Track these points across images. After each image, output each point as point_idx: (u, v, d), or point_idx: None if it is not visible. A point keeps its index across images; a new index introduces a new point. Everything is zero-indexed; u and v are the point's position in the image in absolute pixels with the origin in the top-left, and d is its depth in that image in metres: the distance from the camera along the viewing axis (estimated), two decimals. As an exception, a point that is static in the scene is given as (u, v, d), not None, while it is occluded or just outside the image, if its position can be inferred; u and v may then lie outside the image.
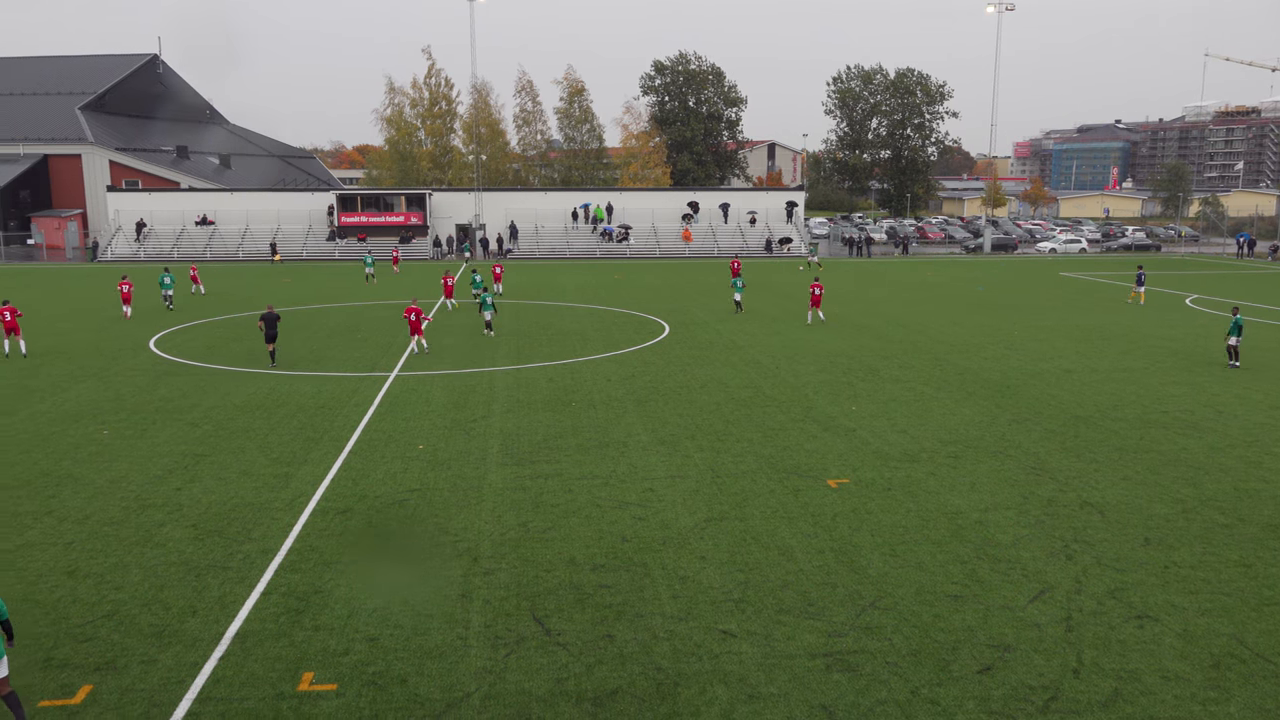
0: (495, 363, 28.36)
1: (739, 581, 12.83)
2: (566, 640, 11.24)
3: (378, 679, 10.37)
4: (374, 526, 14.82)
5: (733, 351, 30.12)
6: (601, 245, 74.03)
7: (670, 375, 26.39)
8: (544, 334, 33.82)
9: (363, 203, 74.55)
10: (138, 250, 70.48)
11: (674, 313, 39.20)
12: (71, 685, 10.19)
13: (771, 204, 78.96)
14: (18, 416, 21.65)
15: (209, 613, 11.87)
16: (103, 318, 37.93)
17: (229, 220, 73.46)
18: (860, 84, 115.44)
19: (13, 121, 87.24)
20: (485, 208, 75.72)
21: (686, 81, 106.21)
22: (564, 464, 18.07)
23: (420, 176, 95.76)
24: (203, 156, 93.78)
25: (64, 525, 14.88)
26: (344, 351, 30.11)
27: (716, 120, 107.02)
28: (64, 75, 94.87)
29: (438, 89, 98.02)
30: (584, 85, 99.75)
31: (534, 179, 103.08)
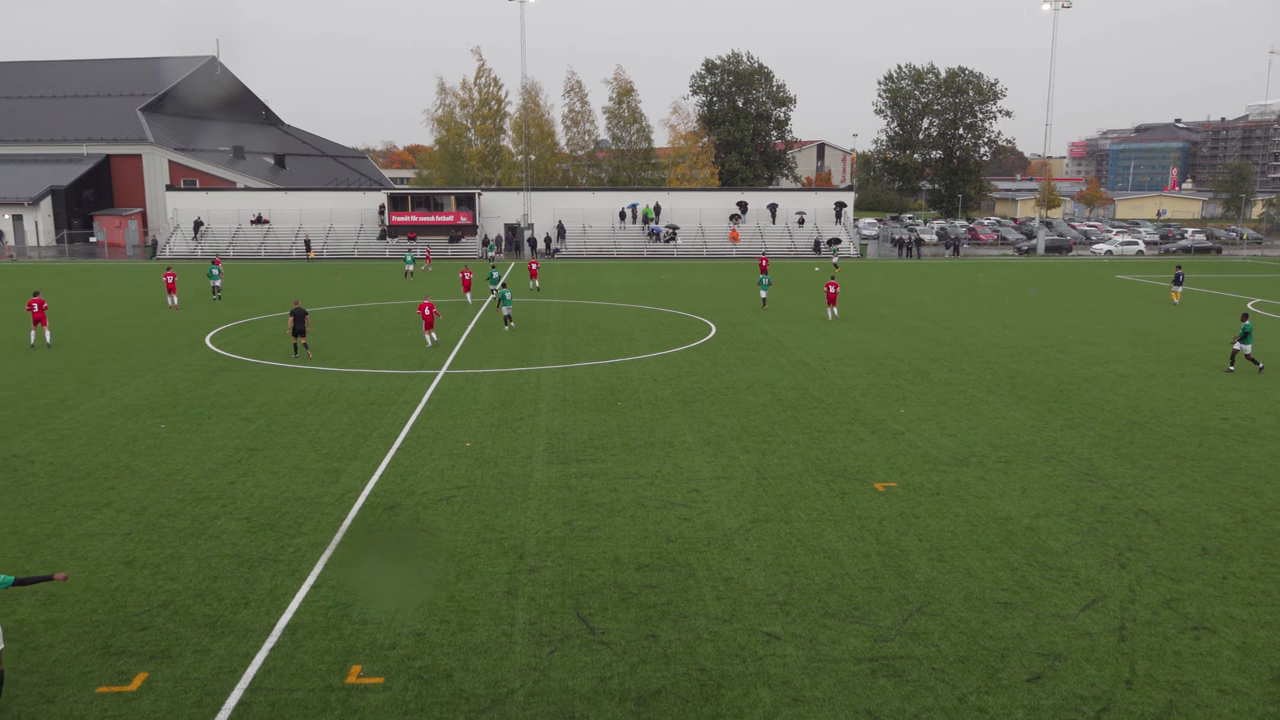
0: (542, 361, 28.52)
1: (784, 584, 12.76)
2: (610, 639, 11.26)
3: (424, 673, 10.48)
4: (421, 522, 14.98)
5: (779, 353, 29.96)
6: (649, 245, 74.07)
7: (716, 376, 26.32)
8: (591, 333, 33.93)
9: (413, 202, 75.42)
10: (195, 248, 71.99)
11: (721, 313, 39.10)
12: (128, 672, 10.44)
13: (820, 204, 78.43)
14: (79, 410, 22.23)
15: (260, 604, 12.09)
16: (161, 315, 38.82)
17: (283, 219, 74.77)
18: (911, 83, 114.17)
19: (77, 122, 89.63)
20: (533, 207, 76.17)
21: (736, 81, 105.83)
22: (609, 463, 18.11)
23: (470, 176, 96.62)
24: (258, 157, 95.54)
25: (122, 516, 15.25)
26: (393, 349, 30.47)
27: (765, 120, 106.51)
28: (126, 77, 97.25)
29: (488, 90, 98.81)
30: (632, 85, 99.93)
31: (582, 179, 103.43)
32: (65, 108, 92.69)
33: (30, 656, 10.74)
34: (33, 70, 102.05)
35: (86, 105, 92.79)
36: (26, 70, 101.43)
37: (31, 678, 10.29)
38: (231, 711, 9.71)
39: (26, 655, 10.77)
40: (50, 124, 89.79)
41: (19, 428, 20.58)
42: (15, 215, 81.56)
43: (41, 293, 33.10)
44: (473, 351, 30.16)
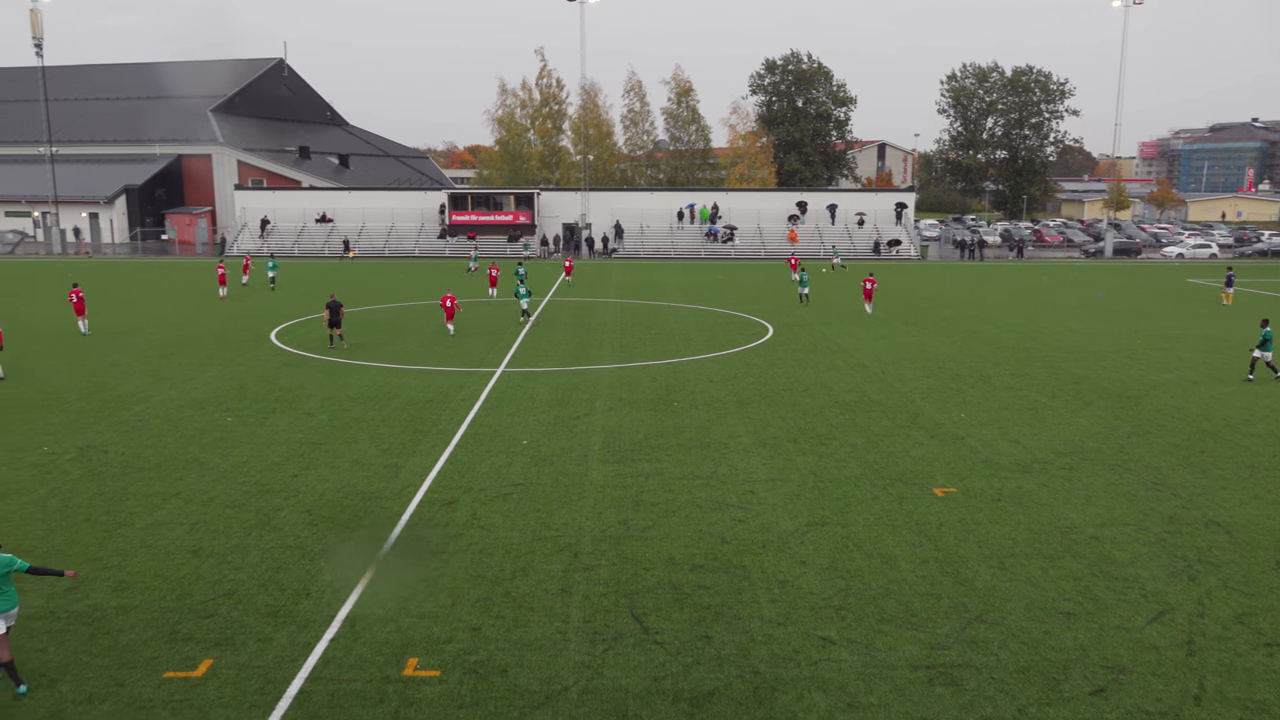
0: (599, 361, 28.63)
1: (839, 588, 12.64)
2: (664, 639, 11.27)
3: (479, 668, 10.59)
4: (478, 518, 15.14)
5: (837, 355, 29.69)
6: (706, 245, 73.92)
7: (773, 377, 26.18)
8: (647, 333, 33.97)
9: (473, 202, 76.23)
10: (262, 246, 73.56)
11: (778, 314, 38.87)
12: (194, 659, 10.72)
13: (880, 205, 77.55)
14: (150, 403, 22.87)
15: (321, 595, 12.32)
16: (228, 311, 39.79)
17: (346, 218, 76.10)
18: (975, 82, 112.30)
19: (151, 123, 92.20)
20: (591, 207, 76.51)
21: (795, 81, 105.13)
22: (665, 463, 18.12)
23: (529, 176, 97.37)
24: (323, 157, 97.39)
25: (190, 506, 15.66)
26: (452, 347, 30.83)
27: (825, 120, 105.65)
28: (198, 79, 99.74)
29: (548, 90, 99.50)
30: (691, 85, 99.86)
31: (640, 179, 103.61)
32: (140, 109, 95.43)
33: (102, 640, 11.09)
34: (109, 73, 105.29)
35: (160, 107, 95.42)
36: (103, 73, 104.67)
37: (103, 661, 10.62)
38: (292, 700, 9.91)
39: (98, 639, 11.12)
40: (125, 125, 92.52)
41: (94, 419, 21.25)
42: (92, 213, 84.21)
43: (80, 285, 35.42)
44: (530, 350, 30.39)
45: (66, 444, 19.23)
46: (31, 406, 22.33)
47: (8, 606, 10.10)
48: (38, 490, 16.37)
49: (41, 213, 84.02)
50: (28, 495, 16.12)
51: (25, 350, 29.74)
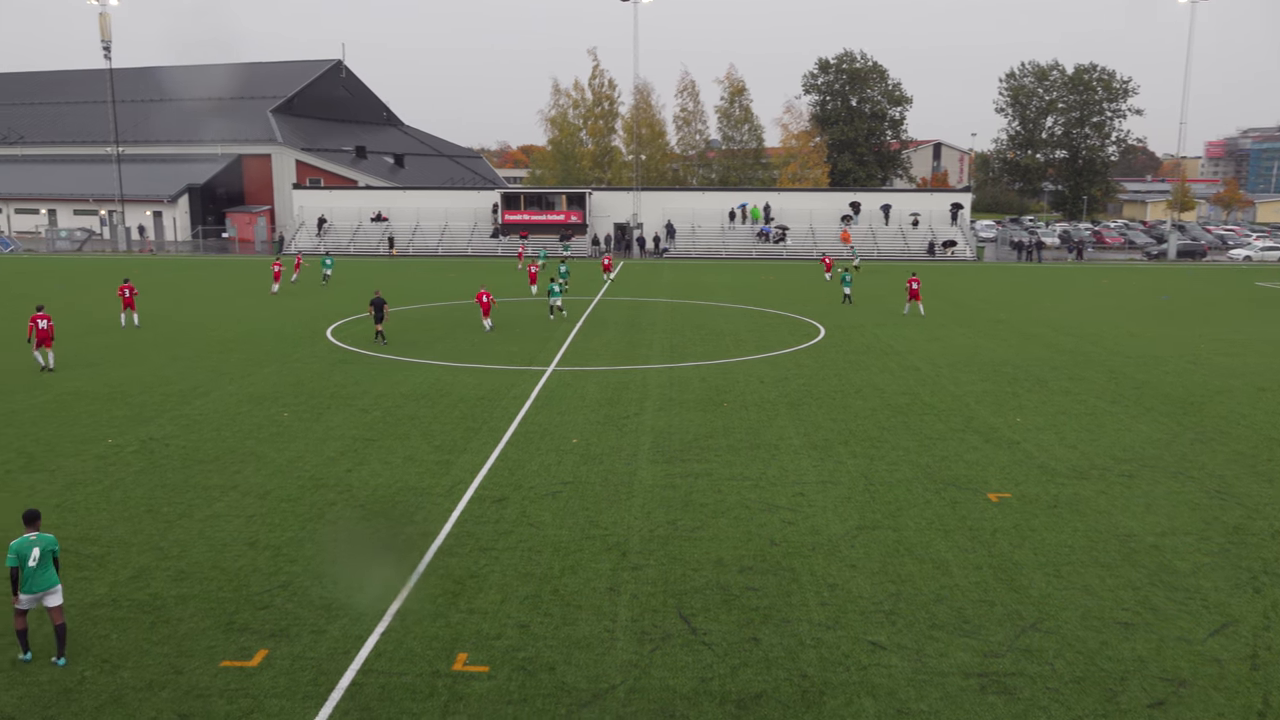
0: (649, 361, 28.66)
1: (890, 593, 12.51)
2: (712, 640, 11.24)
3: (527, 664, 10.66)
4: (527, 516, 15.24)
5: (890, 357, 29.38)
6: (758, 246, 73.61)
7: (824, 379, 25.99)
8: (698, 334, 33.93)
9: (525, 201, 76.78)
10: (318, 244, 74.82)
11: (829, 315, 38.56)
12: (249, 649, 10.94)
13: (936, 205, 76.58)
14: (210, 397, 23.40)
15: (373, 589, 12.49)
16: (285, 308, 40.54)
17: (401, 217, 77.11)
18: (1035, 80, 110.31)
19: (213, 124, 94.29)
20: (643, 207, 76.61)
21: (850, 80, 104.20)
22: (714, 464, 18.08)
23: (581, 176, 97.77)
24: (379, 156, 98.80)
25: (247, 499, 15.99)
26: (504, 345, 31.08)
27: (879, 119, 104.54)
28: (258, 80, 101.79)
29: (600, 90, 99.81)
30: (745, 84, 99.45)
31: (692, 179, 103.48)
32: (201, 110, 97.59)
33: (162, 629, 11.37)
34: (173, 75, 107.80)
35: (220, 107, 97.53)
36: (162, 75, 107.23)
37: (162, 649, 10.89)
38: (344, 692, 10.07)
39: (159, 628, 11.40)
40: (189, 125, 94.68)
41: (157, 412, 21.79)
42: (156, 212, 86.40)
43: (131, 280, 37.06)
44: (580, 349, 30.52)
45: (129, 436, 19.75)
46: (97, 399, 22.97)
47: (45, 586, 10.58)
48: (102, 481, 16.84)
49: (108, 211, 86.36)
50: (93, 485, 16.59)
51: (91, 344, 30.61)
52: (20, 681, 10.15)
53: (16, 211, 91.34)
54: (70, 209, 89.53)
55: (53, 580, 10.65)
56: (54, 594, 10.65)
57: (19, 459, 18.13)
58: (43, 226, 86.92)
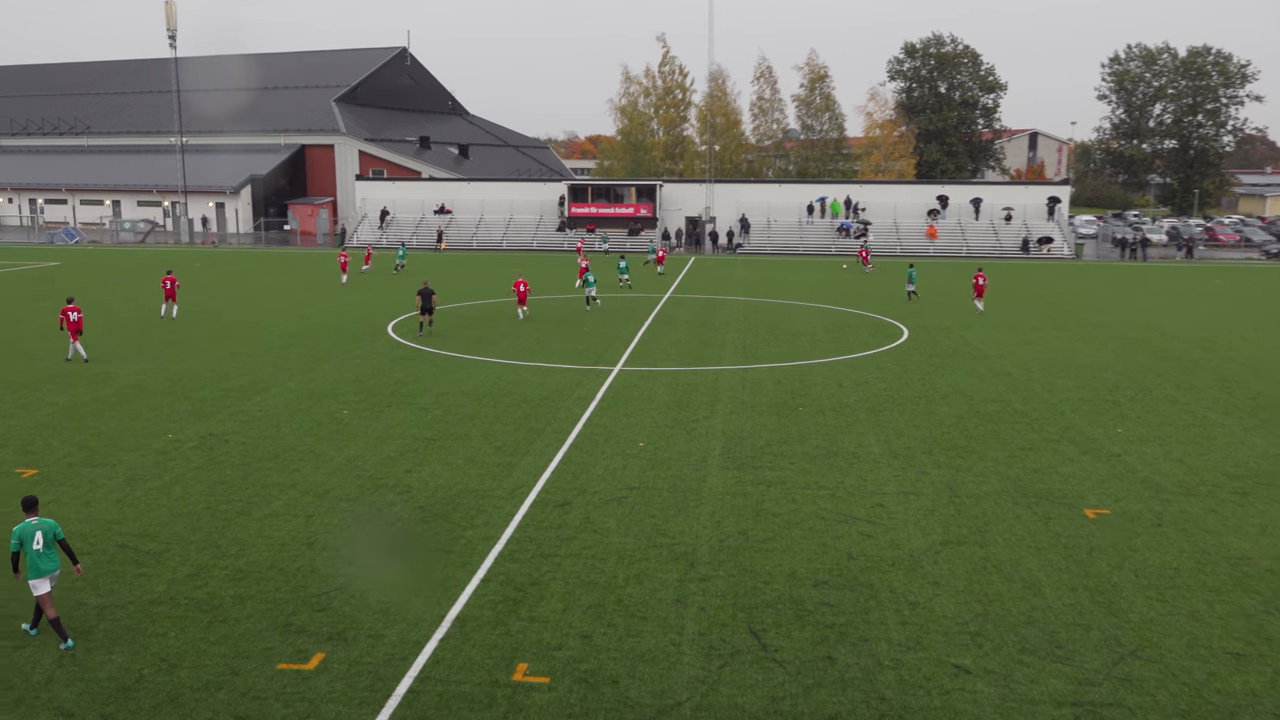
0: (720, 361, 28.60)
1: (976, 613, 12.28)
2: (784, 658, 11.17)
3: (589, 677, 10.72)
4: (591, 522, 15.32)
5: (979, 360, 28.86)
6: (838, 241, 72.91)
7: (907, 383, 25.64)
8: (772, 334, 33.75)
9: (593, 193, 77.21)
10: (380, 237, 76.26)
11: (913, 315, 38.03)
12: (306, 651, 11.20)
13: (1030, 199, 74.95)
14: (270, 393, 24.01)
15: (431, 594, 12.69)
16: (346, 303, 41.40)
17: (465, 209, 78.18)
18: (1142, 65, 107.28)
19: (276, 114, 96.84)
20: (716, 200, 76.44)
21: (938, 65, 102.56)
22: (788, 471, 17.96)
23: (651, 167, 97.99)
24: (443, 147, 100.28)
25: (305, 498, 16.37)
26: (569, 343, 31.31)
27: (971, 107, 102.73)
28: (321, 69, 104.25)
29: (672, 77, 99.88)
30: (826, 71, 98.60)
31: (768, 170, 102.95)
32: (265, 99, 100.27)
33: (219, 629, 11.70)
34: (233, 63, 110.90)
35: (285, 97, 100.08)
36: (227, 64, 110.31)
37: (219, 649, 11.21)
38: (401, 699, 10.24)
39: (216, 627, 11.74)
40: (252, 115, 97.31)
41: (216, 407, 22.45)
42: (218, 203, 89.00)
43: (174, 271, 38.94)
44: (648, 349, 30.59)
45: (189, 431, 20.38)
46: (158, 393, 23.74)
47: (53, 568, 11.36)
48: (162, 477, 17.40)
49: (171, 202, 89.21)
50: (153, 481, 17.15)
51: (153, 338, 31.66)
52: (80, 678, 10.55)
53: (81, 202, 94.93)
54: (134, 200, 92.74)
55: (56, 563, 11.42)
56: (53, 577, 11.42)
57: (81, 452, 18.83)
58: (106, 218, 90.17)
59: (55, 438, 19.85)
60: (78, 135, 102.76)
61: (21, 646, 11.21)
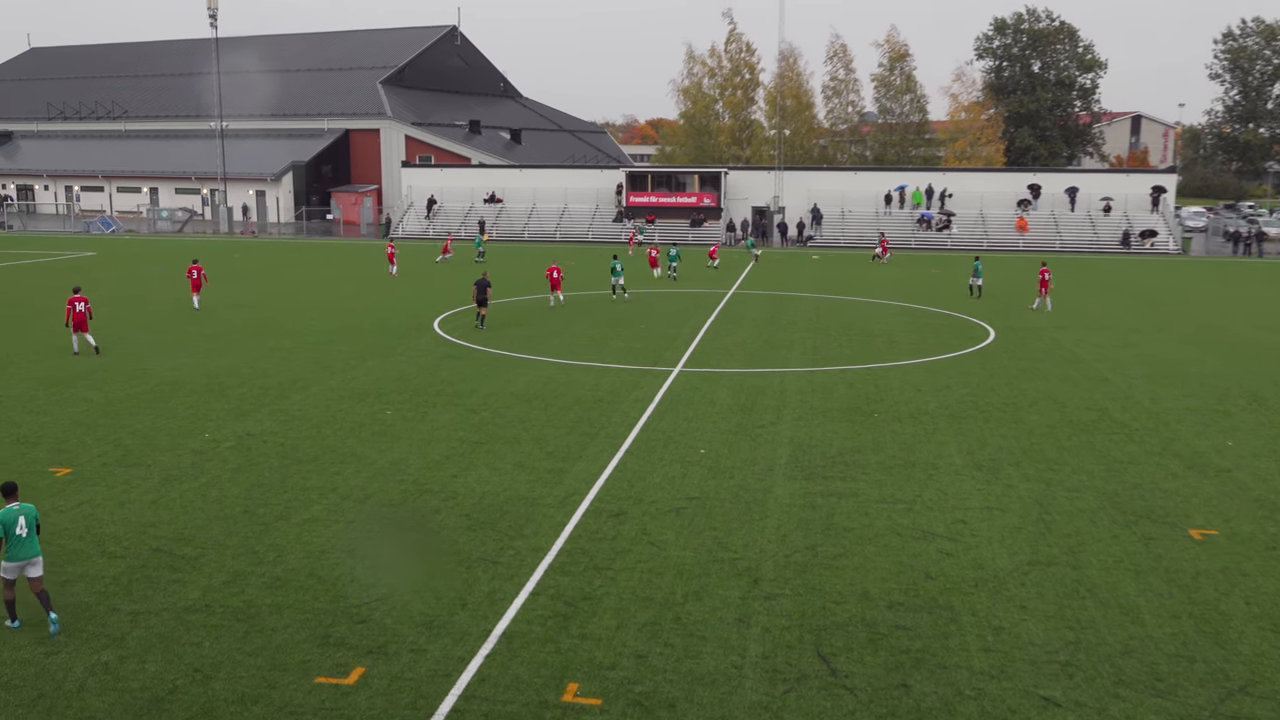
0: (788, 363, 28.47)
1: (1067, 641, 12.07)
2: (855, 684, 11.09)
3: (644, 700, 10.74)
4: (648, 534, 15.35)
5: (1073, 365, 28.36)
6: (918, 234, 72.16)
7: (993, 388, 25.29)
8: (845, 333, 33.52)
9: (653, 181, 77.29)
10: (427, 228, 77.21)
11: (1001, 315, 37.49)
12: (346, 665, 11.38)
13: (1132, 189, 73.40)
14: (310, 391, 24.45)
15: (478, 607, 12.82)
16: (390, 298, 41.99)
17: (516, 198, 78.79)
18: (1261, 41, 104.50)
19: (318, 97, 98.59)
20: (786, 189, 76.09)
21: (1031, 43, 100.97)
22: (861, 483, 17.83)
23: (716, 153, 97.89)
24: (494, 131, 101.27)
25: (346, 503, 16.63)
26: (626, 342, 31.40)
27: (1067, 88, 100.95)
28: (366, 49, 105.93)
29: (739, 56, 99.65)
30: (908, 49, 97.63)
31: (842, 157, 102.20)
32: (308, 82, 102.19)
33: (255, 639, 11.94)
34: (275, 44, 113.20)
35: (328, 79, 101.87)
36: (269, 44, 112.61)
37: (255, 660, 11.44)
38: (444, 718, 10.36)
39: (252, 638, 11.98)
40: (293, 99, 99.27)
41: (254, 406, 22.92)
42: (259, 191, 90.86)
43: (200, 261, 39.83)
44: (711, 348, 30.56)
45: (227, 431, 20.83)
46: (195, 391, 24.31)
47: (33, 554, 12.14)
48: (198, 478, 17.81)
49: (210, 190, 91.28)
50: (189, 482, 17.56)
51: (190, 332, 32.43)
52: (112, 687, 10.84)
53: (119, 190, 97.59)
54: (172, 188, 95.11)
55: (36, 550, 12.18)
56: (35, 564, 12.17)
57: (115, 451, 19.36)
58: (144, 206, 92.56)
59: (90, 436, 20.42)
60: (115, 120, 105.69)
61: (54, 653, 11.55)
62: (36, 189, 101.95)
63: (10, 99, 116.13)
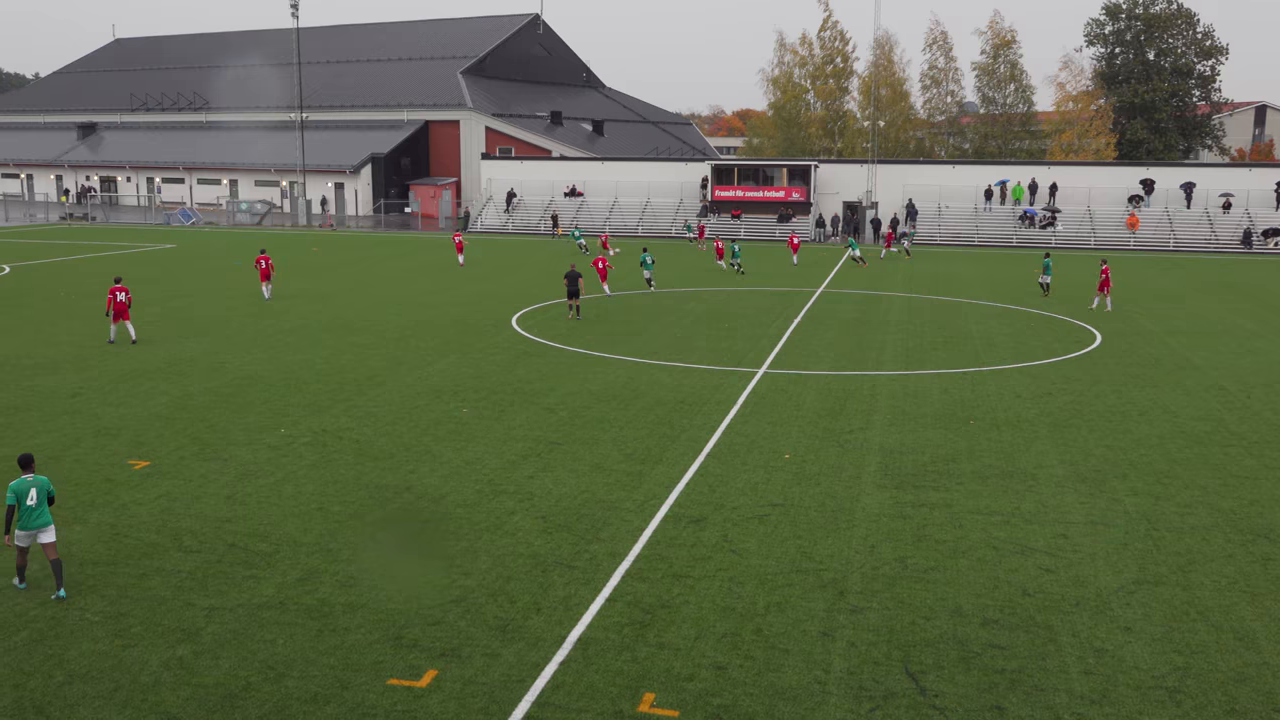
0: (880, 366, 28.19)
1: (1175, 666, 11.76)
2: (945, 704, 10.95)
3: (723, 712, 10.74)
4: (729, 541, 15.34)
5: (1187, 372, 27.58)
6: (1020, 231, 70.79)
7: (1099, 396, 24.73)
8: (940, 335, 33.07)
9: (739, 175, 77.09)
10: (506, 223, 78.07)
11: (1108, 318, 36.62)
12: (418, 668, 11.59)
13: (1255, 184, 70.98)
14: (386, 388, 24.93)
15: (552, 612, 12.95)
16: (468, 293, 42.57)
17: (597, 191, 79.24)
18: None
19: (398, 87, 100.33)
20: (879, 183, 75.27)
21: (1146, 28, 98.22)
22: (955, 493, 17.58)
23: (806, 146, 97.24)
24: (575, 123, 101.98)
25: (421, 503, 16.93)
26: (709, 341, 31.39)
27: (1184, 76, 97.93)
28: (447, 39, 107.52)
29: (832, 44, 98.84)
30: (1014, 35, 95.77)
31: (940, 149, 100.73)
32: (387, 72, 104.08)
33: (329, 638, 12.23)
34: (356, 34, 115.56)
35: (407, 70, 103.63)
36: (350, 34, 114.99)
37: (329, 660, 11.72)
38: (517, 724, 10.50)
39: (325, 636, 12.27)
40: (372, 90, 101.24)
41: (330, 402, 23.45)
42: (337, 184, 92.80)
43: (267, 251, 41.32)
44: (798, 349, 30.39)
45: (303, 427, 21.35)
46: (272, 385, 24.96)
47: (46, 522, 13.19)
48: (274, 474, 18.30)
49: (289, 182, 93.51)
50: (264, 478, 18.05)
51: (266, 326, 33.29)
52: (187, 682, 11.20)
53: (199, 182, 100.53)
54: (251, 180, 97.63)
55: (47, 519, 13.19)
56: (48, 532, 13.20)
57: (193, 445, 19.98)
58: (223, 198, 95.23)
59: (168, 429, 21.11)
60: (196, 111, 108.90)
61: (130, 646, 11.97)
62: (119, 180, 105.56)
63: (96, 90, 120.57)
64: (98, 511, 16.33)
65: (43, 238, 68.28)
